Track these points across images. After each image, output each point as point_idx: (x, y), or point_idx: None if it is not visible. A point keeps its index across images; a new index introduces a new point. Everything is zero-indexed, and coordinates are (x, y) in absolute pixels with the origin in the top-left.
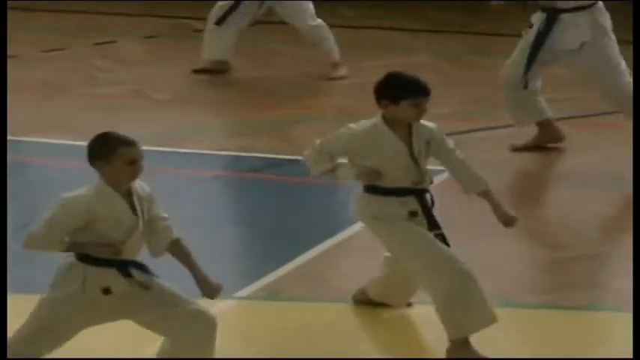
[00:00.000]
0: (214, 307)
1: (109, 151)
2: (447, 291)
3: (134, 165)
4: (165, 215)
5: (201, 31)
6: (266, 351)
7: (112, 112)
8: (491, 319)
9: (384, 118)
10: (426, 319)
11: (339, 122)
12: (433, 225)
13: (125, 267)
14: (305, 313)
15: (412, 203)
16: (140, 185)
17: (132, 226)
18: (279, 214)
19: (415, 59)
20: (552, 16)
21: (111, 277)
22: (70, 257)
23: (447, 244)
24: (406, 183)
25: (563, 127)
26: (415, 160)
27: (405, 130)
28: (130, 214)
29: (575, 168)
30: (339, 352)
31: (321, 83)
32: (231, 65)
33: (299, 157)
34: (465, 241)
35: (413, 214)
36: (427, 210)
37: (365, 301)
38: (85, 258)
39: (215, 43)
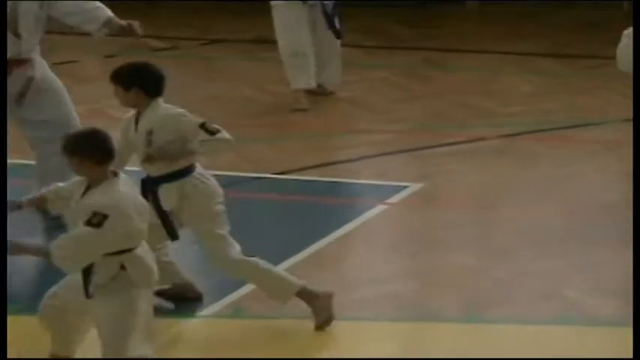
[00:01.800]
0: (178, 325)
1: None
2: None
3: None
4: None
5: (160, 49)
6: None
7: None
8: None
9: None
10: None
11: (300, 140)
12: None
13: None
14: (269, 329)
15: None
16: None
17: None
18: (242, 231)
19: (374, 75)
20: None
21: None
22: None
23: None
24: None
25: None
26: None
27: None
28: None
29: (532, 180)
30: None
31: (283, 100)
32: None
33: (260, 175)
34: (426, 255)
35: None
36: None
37: None
38: None
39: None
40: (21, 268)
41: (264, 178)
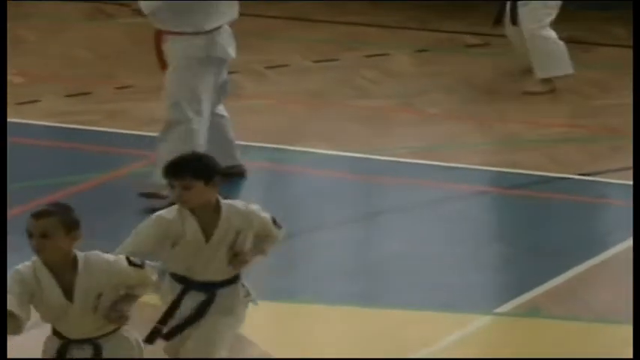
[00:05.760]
0: (474, 322)
1: None
2: None
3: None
4: None
5: (473, 46)
6: None
7: (378, 124)
8: None
9: None
10: None
11: (610, 144)
12: None
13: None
14: (562, 331)
15: None
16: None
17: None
18: (541, 231)
19: None
20: None
21: None
22: None
23: None
24: None
25: None
26: None
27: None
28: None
29: None
30: None
31: (595, 102)
32: None
33: (566, 175)
34: None
35: None
36: None
37: None
38: None
39: None
40: None
41: (568, 178)
